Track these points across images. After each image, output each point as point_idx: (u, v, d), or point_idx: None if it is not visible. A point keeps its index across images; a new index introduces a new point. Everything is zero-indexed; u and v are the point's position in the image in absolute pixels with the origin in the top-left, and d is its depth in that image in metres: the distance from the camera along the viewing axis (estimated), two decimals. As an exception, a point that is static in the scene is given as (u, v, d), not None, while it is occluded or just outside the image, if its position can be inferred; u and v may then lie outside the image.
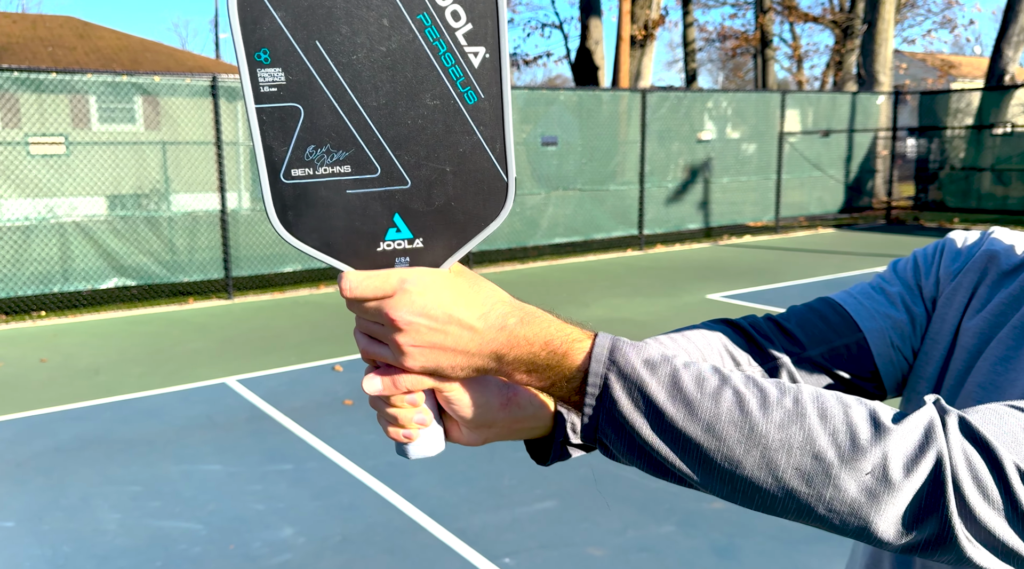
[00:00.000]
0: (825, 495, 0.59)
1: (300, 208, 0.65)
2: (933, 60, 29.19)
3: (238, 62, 0.63)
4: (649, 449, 0.63)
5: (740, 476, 0.61)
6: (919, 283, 0.88)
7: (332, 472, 3.94)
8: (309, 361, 5.97)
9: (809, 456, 0.59)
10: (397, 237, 0.68)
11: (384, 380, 0.68)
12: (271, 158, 0.64)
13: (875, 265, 9.99)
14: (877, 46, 16.97)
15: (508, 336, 0.65)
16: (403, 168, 0.66)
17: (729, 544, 3.17)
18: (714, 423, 0.61)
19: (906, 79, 29.12)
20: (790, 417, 0.60)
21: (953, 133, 14.81)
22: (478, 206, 0.69)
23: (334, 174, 0.65)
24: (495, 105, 0.67)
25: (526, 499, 3.60)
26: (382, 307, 0.65)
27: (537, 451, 0.82)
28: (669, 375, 0.63)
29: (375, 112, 0.65)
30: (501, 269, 10.27)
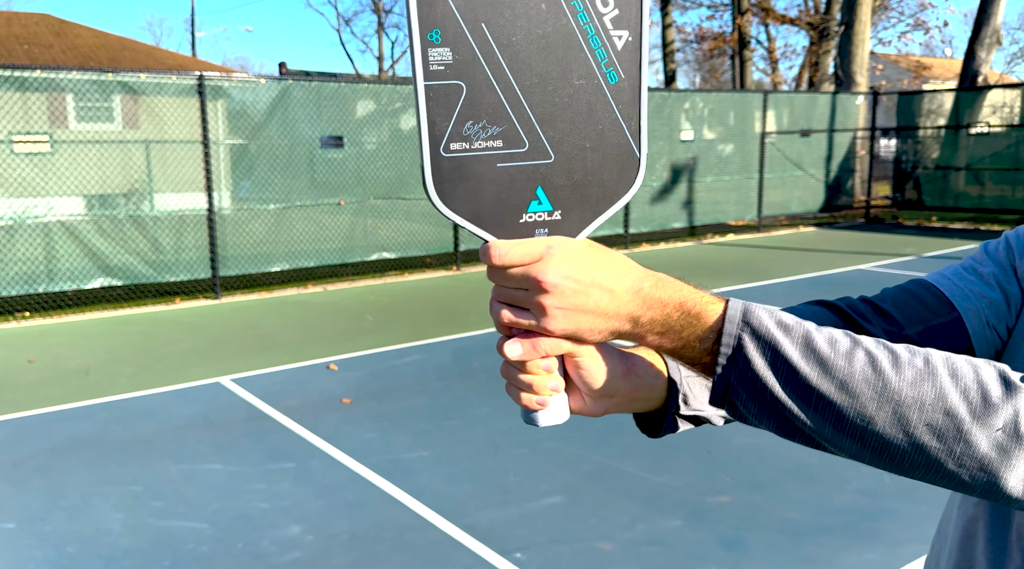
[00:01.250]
0: (956, 450, 0.61)
1: (455, 180, 0.69)
2: (907, 62, 29.64)
3: (411, 41, 0.66)
4: (781, 407, 0.65)
5: (872, 432, 0.63)
6: (1013, 263, 0.89)
7: (335, 470, 3.93)
8: (302, 360, 5.94)
9: (941, 412, 0.61)
10: (538, 209, 0.71)
11: (525, 344, 0.70)
12: (433, 133, 0.68)
13: (857, 263, 10.13)
14: (854, 47, 17.21)
15: (644, 298, 0.68)
16: (548, 143, 0.71)
17: (737, 537, 3.20)
18: (848, 381, 0.63)
19: (882, 80, 29.55)
20: (921, 375, 0.63)
21: (929, 133, 15.05)
22: (612, 180, 0.73)
23: (488, 149, 0.69)
24: (633, 85, 0.72)
25: (532, 494, 3.61)
26: (529, 272, 0.68)
27: (647, 424, 0.85)
28: (802, 336, 0.65)
29: (527, 90, 0.69)
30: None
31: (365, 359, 5.97)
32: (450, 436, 4.36)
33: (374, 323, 7.21)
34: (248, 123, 8.74)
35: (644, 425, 0.86)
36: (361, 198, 9.55)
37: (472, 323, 7.08)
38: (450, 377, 5.46)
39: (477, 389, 5.18)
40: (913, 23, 28.26)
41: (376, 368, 5.71)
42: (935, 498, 3.50)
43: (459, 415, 4.69)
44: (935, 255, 10.75)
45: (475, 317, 7.34)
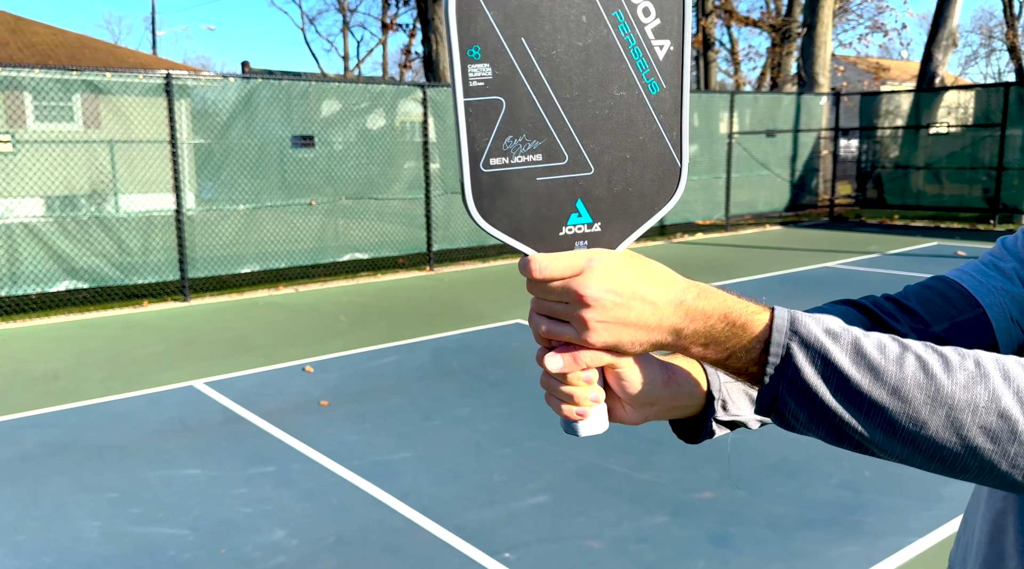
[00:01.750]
0: (1010, 451, 0.62)
1: (495, 195, 0.69)
2: (866, 63, 30.25)
3: (451, 58, 0.66)
4: (831, 415, 0.65)
5: (925, 437, 0.63)
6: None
7: (317, 473, 3.88)
8: (277, 363, 5.86)
9: (995, 415, 0.62)
10: (578, 222, 0.71)
11: (565, 357, 0.71)
12: (473, 149, 0.68)
13: (823, 261, 10.31)
14: (816, 49, 17.50)
15: (687, 310, 0.68)
16: (588, 156, 0.71)
17: (724, 532, 3.23)
18: (900, 386, 0.63)
19: (843, 81, 30.12)
20: (973, 378, 0.63)
21: (890, 133, 15.38)
22: (652, 191, 0.73)
23: (527, 163, 0.69)
24: (675, 94, 0.72)
25: (519, 494, 3.61)
26: (570, 285, 0.68)
27: (684, 430, 0.85)
28: (851, 343, 0.65)
29: (567, 103, 0.69)
30: (462, 268, 10.26)
31: (341, 360, 5.91)
32: (433, 437, 4.34)
33: (349, 324, 7.15)
34: (216, 122, 8.60)
35: (681, 431, 0.86)
36: (332, 198, 9.46)
37: (449, 323, 7.05)
38: (430, 378, 5.43)
39: (458, 389, 5.16)
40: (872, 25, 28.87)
41: (353, 369, 5.66)
42: (915, 491, 3.57)
43: (441, 416, 4.66)
44: (898, 252, 10.98)
45: (451, 317, 7.31)
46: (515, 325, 6.94)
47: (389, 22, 27.93)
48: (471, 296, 8.40)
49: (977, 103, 14.68)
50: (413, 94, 10.22)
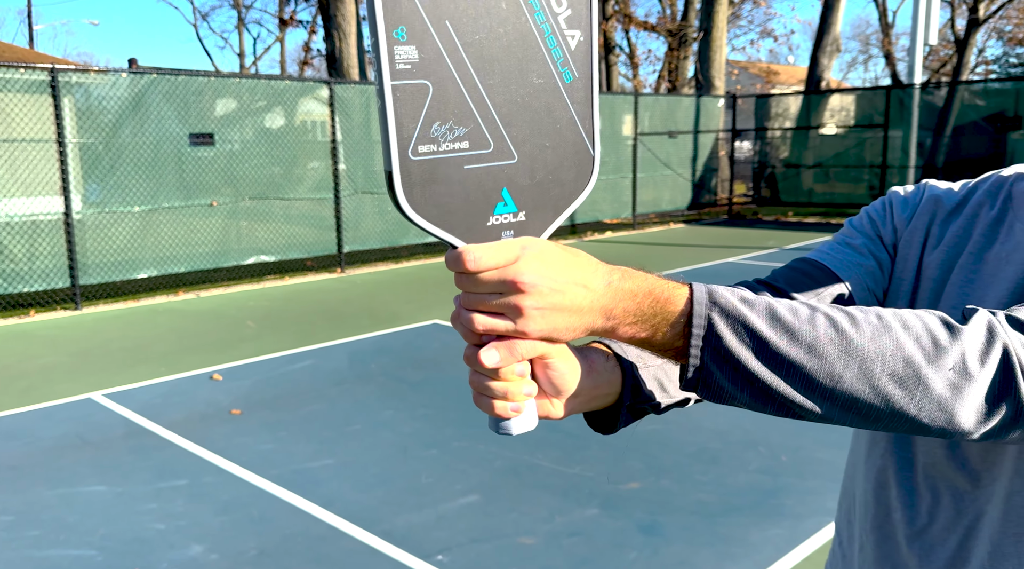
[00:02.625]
0: (916, 394, 0.66)
1: (424, 185, 0.67)
2: (757, 68, 31.62)
3: (377, 39, 0.64)
4: (755, 378, 0.67)
5: (840, 391, 0.66)
6: (878, 233, 1.00)
7: (233, 484, 3.70)
8: (182, 371, 5.58)
9: (900, 362, 0.66)
10: (504, 211, 0.71)
11: (501, 351, 0.69)
12: (402, 135, 0.65)
13: (725, 257, 10.69)
14: (713, 53, 18.15)
15: (615, 291, 0.68)
16: (512, 143, 0.70)
17: (653, 522, 3.28)
18: (814, 344, 0.66)
19: (737, 84, 31.38)
20: (878, 330, 0.67)
21: (781, 134, 16.13)
22: (570, 179, 0.74)
23: (454, 150, 0.68)
24: (586, 84, 0.73)
25: (448, 495, 3.55)
26: (505, 274, 0.67)
27: (599, 422, 0.87)
28: (766, 308, 0.68)
29: (491, 89, 0.68)
30: (375, 269, 10.07)
31: (252, 367, 5.68)
32: (355, 442, 4.22)
33: (257, 329, 6.88)
34: (105, 121, 8.11)
35: (595, 422, 0.87)
36: (235, 199, 9.11)
37: (364, 325, 6.90)
38: (348, 382, 5.29)
39: (377, 392, 5.05)
40: (762, 31, 30.21)
41: (266, 376, 5.45)
42: (828, 472, 3.73)
43: (362, 420, 4.54)
44: (794, 247, 11.50)
45: (366, 320, 7.16)
46: (433, 326, 6.86)
47: (288, 18, 27.17)
48: (385, 297, 8.26)
49: (859, 106, 15.59)
50: (316, 92, 9.97)
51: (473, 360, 0.70)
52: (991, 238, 0.93)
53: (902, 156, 14.35)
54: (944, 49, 28.38)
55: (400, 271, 9.95)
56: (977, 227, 0.95)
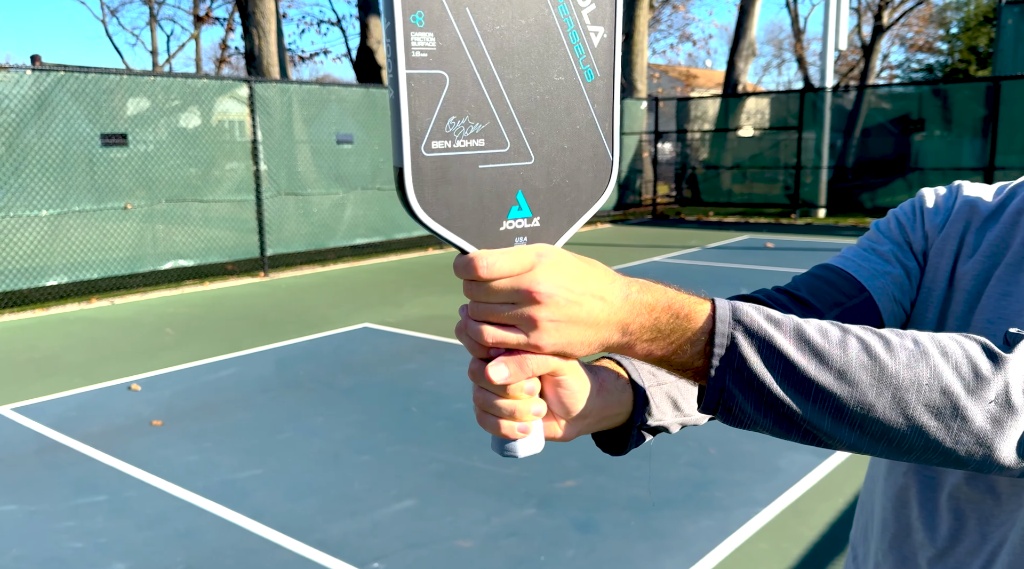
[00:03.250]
0: (953, 427, 0.62)
1: (436, 184, 0.62)
2: (676, 71, 32.39)
3: (392, 24, 0.59)
4: (779, 404, 0.63)
5: (872, 419, 0.63)
6: (907, 239, 0.94)
7: (157, 498, 3.56)
8: (97, 382, 5.33)
9: (937, 391, 0.62)
10: (518, 216, 0.66)
11: (511, 366, 0.64)
12: (415, 129, 0.61)
13: (651, 256, 10.90)
14: (634, 56, 18.50)
15: (632, 305, 0.64)
16: (529, 143, 0.66)
17: (588, 519, 3.31)
18: (846, 370, 0.62)
19: (658, 87, 32.08)
20: (914, 357, 0.63)
21: (701, 136, 16.57)
22: (588, 184, 0.69)
23: (469, 148, 0.63)
24: (608, 84, 0.68)
25: (382, 501, 3.50)
26: (520, 283, 0.62)
27: (609, 442, 0.82)
28: (794, 329, 0.64)
29: (510, 85, 0.64)
30: (300, 272, 9.85)
31: (173, 376, 5.47)
32: (284, 451, 4.11)
33: (176, 337, 6.64)
34: (8, 121, 7.68)
35: (605, 443, 0.82)
36: (150, 201, 8.76)
37: (290, 331, 6.73)
38: (275, 389, 5.15)
39: (307, 399, 4.93)
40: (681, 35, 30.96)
41: (188, 385, 5.26)
42: (755, 464, 3.84)
43: (291, 428, 4.43)
44: (715, 246, 11.82)
45: (292, 325, 6.99)
46: (363, 329, 6.75)
47: (203, 15, 26.34)
48: (313, 302, 8.08)
49: (774, 109, 16.16)
50: (234, 91, 9.69)
51: (479, 375, 0.65)
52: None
53: (815, 157, 14.95)
54: (852, 54, 29.71)
55: (327, 274, 9.77)
56: (1017, 236, 0.87)
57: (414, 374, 5.41)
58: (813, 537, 3.15)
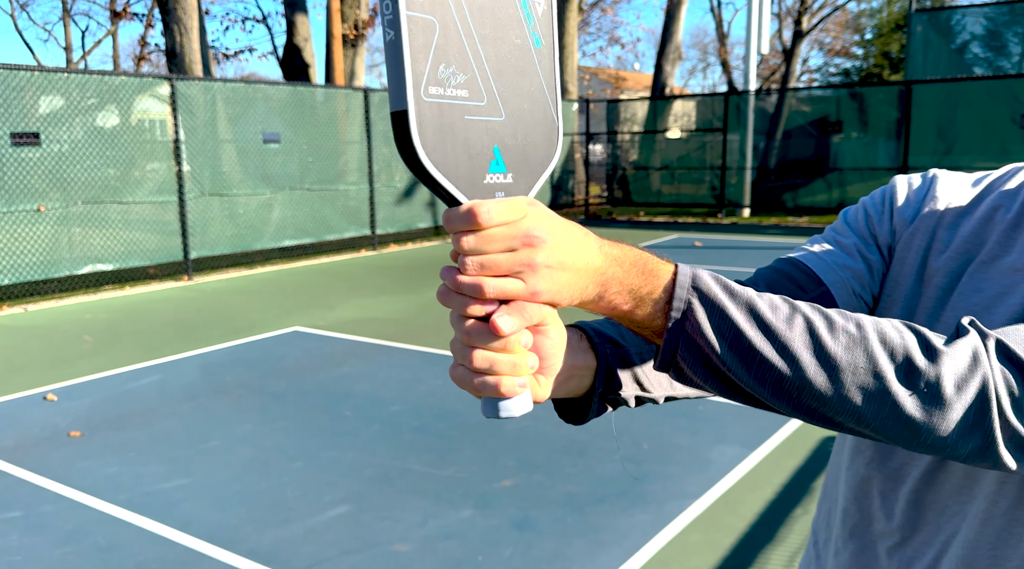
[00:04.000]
0: (883, 412, 0.65)
1: (435, 129, 0.62)
2: (606, 74, 32.84)
3: None
4: (725, 369, 0.66)
5: (808, 394, 0.66)
6: (873, 232, 0.93)
7: (76, 512, 3.40)
8: (9, 393, 5.06)
9: (871, 376, 0.65)
10: (497, 170, 0.67)
11: (514, 315, 0.64)
12: (416, 70, 0.61)
13: (584, 255, 11.00)
14: (565, 59, 18.67)
15: (606, 256, 0.67)
16: (500, 100, 0.67)
17: (526, 517, 3.31)
18: (788, 345, 0.65)
19: (589, 90, 32.44)
20: (855, 340, 0.65)
21: (631, 138, 16.84)
22: (542, 145, 0.71)
23: (457, 98, 0.64)
24: (550, 53, 0.71)
25: (316, 508, 3.42)
26: (518, 228, 0.63)
27: (572, 411, 0.84)
28: (746, 301, 0.66)
29: (484, 40, 0.66)
30: (226, 276, 9.58)
31: (92, 385, 5.24)
32: (211, 459, 3.98)
33: (95, 344, 6.37)
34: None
35: (566, 413, 0.85)
36: (65, 203, 8.38)
37: (216, 336, 6.54)
38: (201, 396, 4.99)
39: (234, 406, 4.79)
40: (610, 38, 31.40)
41: (108, 394, 5.05)
42: (687, 458, 3.91)
43: (218, 436, 4.30)
44: (646, 245, 11.96)
45: (219, 329, 6.79)
46: (293, 333, 6.61)
47: (120, 11, 25.37)
48: (239, 306, 7.87)
49: (699, 111, 16.55)
50: (154, 89, 9.36)
51: (480, 334, 0.64)
52: (1007, 246, 0.85)
53: (739, 158, 15.37)
54: (774, 58, 30.69)
55: (254, 277, 9.52)
56: (992, 233, 0.86)
57: (347, 378, 5.33)
58: (743, 527, 3.22)
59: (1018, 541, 0.80)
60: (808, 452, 3.96)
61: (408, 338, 6.36)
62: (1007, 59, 18.84)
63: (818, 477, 3.67)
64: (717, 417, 4.46)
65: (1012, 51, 18.82)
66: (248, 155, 10.16)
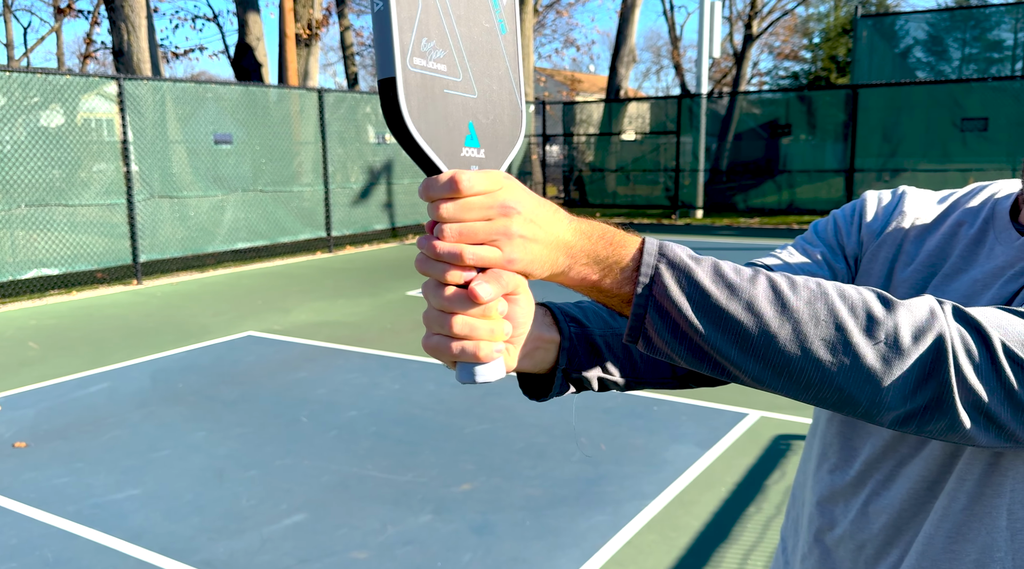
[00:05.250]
0: (846, 362, 0.67)
1: (420, 98, 0.65)
2: (561, 76, 33.01)
3: None
4: (693, 332, 0.68)
5: (774, 349, 0.67)
6: (840, 242, 0.98)
7: (21, 526, 3.30)
8: (-51, 404, 4.89)
9: (833, 327, 0.67)
10: (471, 145, 0.71)
11: (491, 282, 0.67)
12: (403, 40, 0.63)
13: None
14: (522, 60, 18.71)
15: (575, 230, 0.70)
16: (473, 78, 0.71)
17: (484, 522, 3.32)
18: (753, 301, 0.67)
19: (545, 91, 32.58)
20: (815, 295, 0.68)
21: (587, 139, 16.97)
22: (509, 125, 0.75)
23: (438, 71, 0.67)
24: (514, 40, 0.75)
25: (272, 516, 3.38)
26: (496, 198, 0.66)
27: (533, 387, 0.88)
28: (711, 264, 0.70)
29: (459, 20, 0.69)
30: (177, 279, 9.38)
31: (37, 393, 5.10)
32: (163, 469, 3.90)
33: (41, 351, 6.19)
34: None
35: (529, 388, 0.89)
36: (7, 206, 8.12)
37: (168, 342, 6.40)
38: (151, 403, 4.89)
39: (187, 413, 4.70)
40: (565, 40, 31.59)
41: (54, 402, 4.91)
42: (643, 458, 3.96)
43: (170, 444, 4.21)
44: (603, 246, 12.12)
45: (170, 335, 6.65)
46: (247, 338, 6.50)
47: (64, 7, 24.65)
48: (191, 310, 7.72)
49: (653, 113, 16.75)
50: (101, 88, 9.13)
51: (459, 300, 0.66)
52: (969, 260, 0.89)
53: (692, 160, 15.60)
54: (725, 61, 31.20)
55: (206, 281, 9.35)
56: (956, 247, 0.90)
57: (303, 383, 5.27)
58: (698, 526, 3.28)
59: (975, 536, 0.82)
60: (760, 451, 4.04)
61: (365, 342, 6.32)
62: (948, 63, 19.46)
63: (770, 476, 3.76)
64: (672, 417, 4.52)
65: (952, 56, 19.45)
66: (199, 156, 9.97)
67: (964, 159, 13.54)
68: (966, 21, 19.24)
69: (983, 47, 18.67)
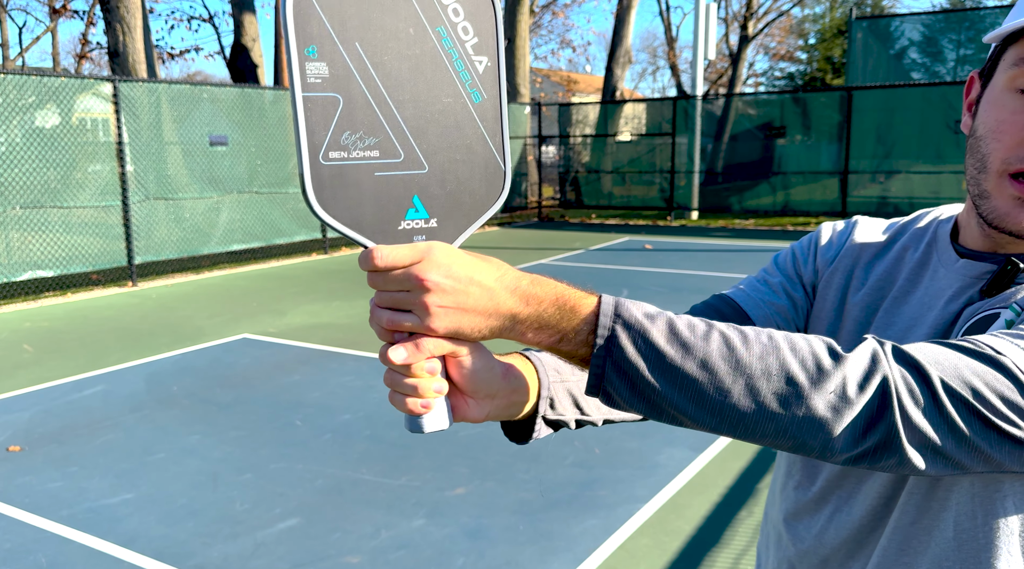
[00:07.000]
0: (798, 414, 0.70)
1: (335, 188, 0.72)
2: (558, 76, 33.03)
3: (289, 56, 0.70)
4: (650, 391, 0.70)
5: (728, 404, 0.70)
6: (798, 272, 1.04)
7: (15, 531, 3.31)
8: (-57, 407, 4.89)
9: (784, 381, 0.69)
10: (415, 217, 0.76)
11: (408, 347, 0.73)
12: (313, 141, 0.71)
13: (538, 258, 11.08)
14: (517, 61, 18.73)
15: (522, 295, 0.72)
16: (422, 155, 0.76)
17: (478, 525, 3.33)
18: (707, 359, 0.70)
19: (541, 92, 32.60)
20: (767, 350, 0.71)
21: (583, 140, 16.99)
22: (481, 191, 0.79)
23: (365, 158, 0.73)
24: (495, 104, 0.79)
25: (265, 521, 3.39)
26: (411, 272, 0.70)
27: (515, 432, 0.91)
28: (666, 323, 0.71)
29: (401, 105, 0.74)
30: (172, 281, 9.38)
31: (32, 396, 5.10)
32: (158, 473, 3.91)
33: (35, 353, 6.18)
34: None
35: (512, 433, 0.92)
36: (3, 207, 8.12)
37: (163, 344, 6.41)
38: (147, 407, 4.89)
39: (182, 417, 4.71)
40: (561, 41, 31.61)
41: (49, 406, 4.91)
42: (636, 462, 3.98)
43: (165, 448, 4.22)
44: (598, 248, 12.15)
45: (166, 337, 6.65)
46: (242, 340, 6.51)
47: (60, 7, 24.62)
48: (186, 312, 7.72)
49: (649, 114, 16.78)
50: (96, 89, 9.12)
51: (384, 357, 0.73)
52: (915, 282, 0.94)
53: (688, 161, 15.62)
54: (721, 62, 31.25)
55: (202, 282, 9.35)
56: (902, 271, 0.96)
57: (298, 386, 5.28)
58: (690, 530, 3.30)
59: (924, 548, 0.86)
60: (753, 454, 4.06)
61: (360, 345, 6.33)
62: (943, 64, 19.53)
63: (762, 479, 3.78)
64: (666, 420, 4.54)
65: (947, 57, 19.52)
66: (195, 157, 9.97)
67: (958, 161, 13.58)
68: (961, 22, 19.31)
69: (978, 48, 18.73)
